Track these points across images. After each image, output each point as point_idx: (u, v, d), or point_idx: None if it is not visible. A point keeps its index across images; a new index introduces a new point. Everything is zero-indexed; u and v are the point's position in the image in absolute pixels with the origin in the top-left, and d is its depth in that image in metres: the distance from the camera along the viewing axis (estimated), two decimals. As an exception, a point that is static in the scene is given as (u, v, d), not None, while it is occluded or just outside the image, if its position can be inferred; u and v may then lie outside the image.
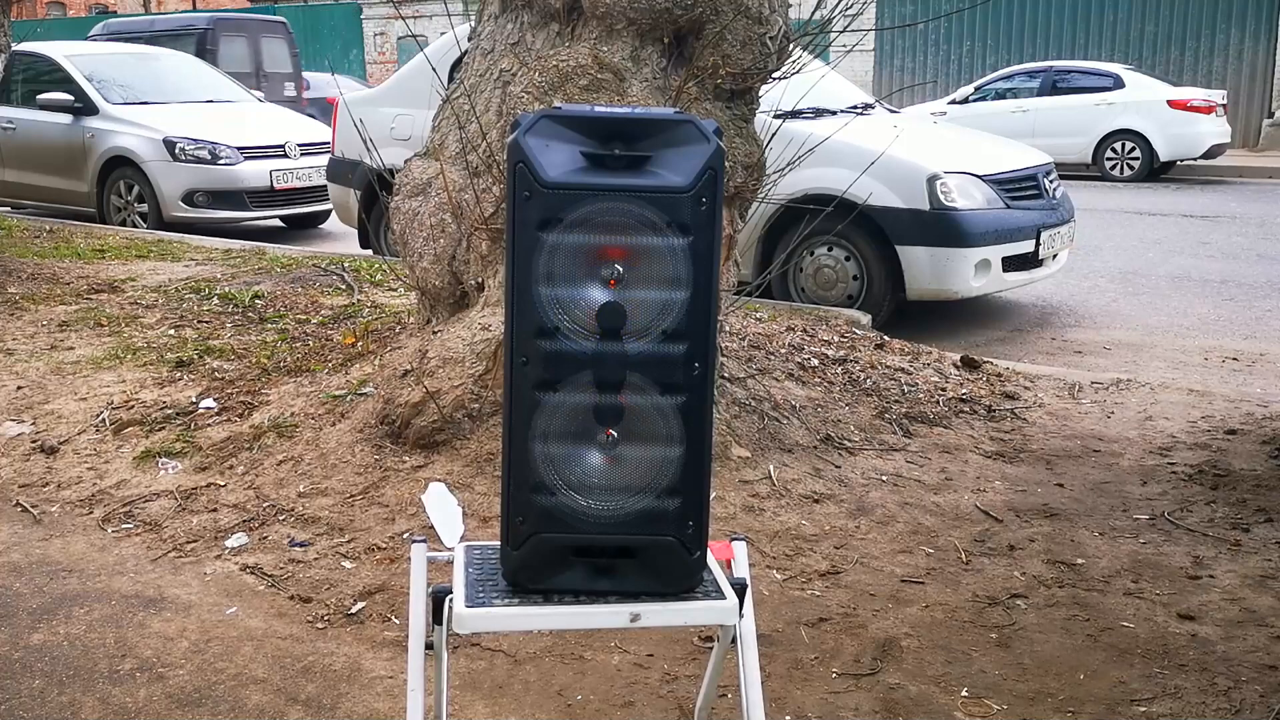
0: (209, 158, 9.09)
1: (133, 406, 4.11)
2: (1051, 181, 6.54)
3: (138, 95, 9.86)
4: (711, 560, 1.66)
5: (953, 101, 15.56)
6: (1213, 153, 14.16)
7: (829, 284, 6.09)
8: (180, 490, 3.43)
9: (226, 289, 6.08)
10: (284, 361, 4.52)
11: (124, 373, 4.54)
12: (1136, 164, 14.10)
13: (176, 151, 9.05)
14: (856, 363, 4.61)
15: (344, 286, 6.16)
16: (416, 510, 3.18)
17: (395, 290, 6.02)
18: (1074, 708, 2.37)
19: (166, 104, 9.85)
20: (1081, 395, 4.54)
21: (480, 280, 3.74)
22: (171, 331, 5.19)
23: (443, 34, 7.11)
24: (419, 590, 1.69)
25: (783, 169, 4.02)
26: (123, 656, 2.56)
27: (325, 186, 8.42)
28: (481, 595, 1.58)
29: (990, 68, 18.48)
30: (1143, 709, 2.36)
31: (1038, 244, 6.14)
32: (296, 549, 3.05)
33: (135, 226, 9.19)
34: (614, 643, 2.60)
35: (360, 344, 4.63)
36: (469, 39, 3.96)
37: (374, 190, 6.87)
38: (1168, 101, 14.03)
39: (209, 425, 3.87)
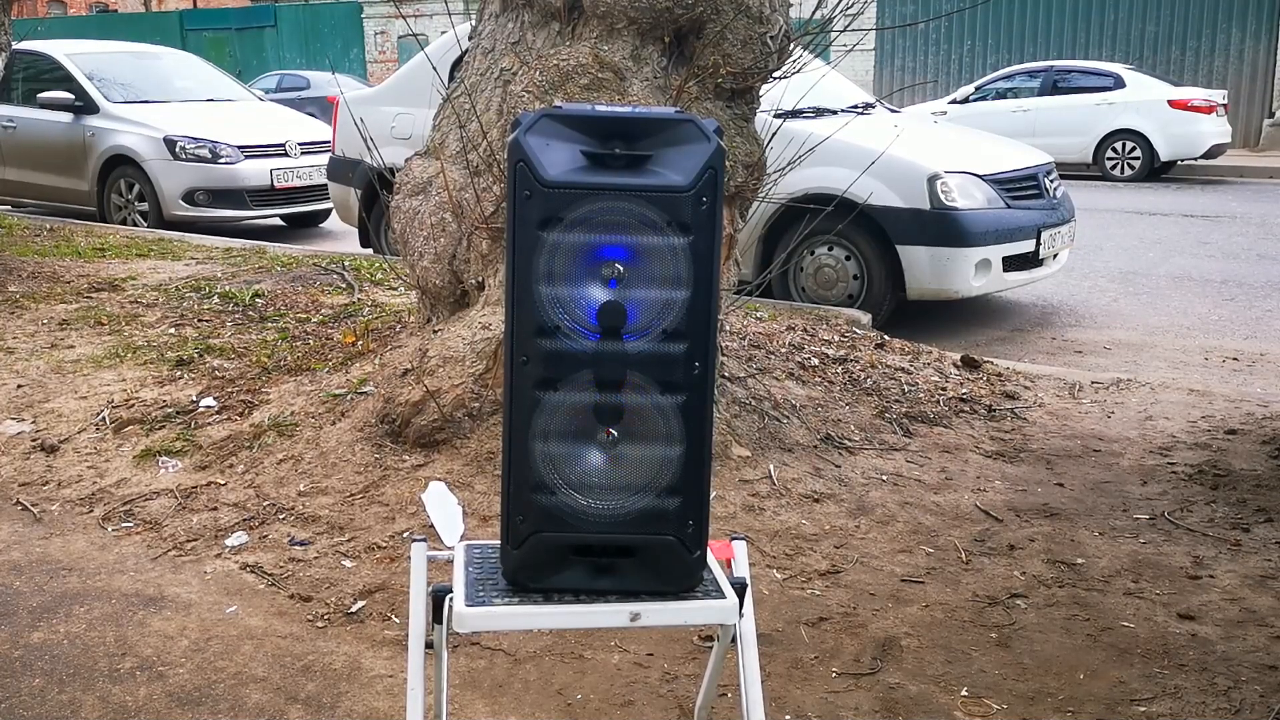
0: (209, 156, 9.09)
1: (133, 405, 4.11)
2: (1052, 181, 6.54)
3: (138, 94, 9.85)
4: (711, 559, 1.66)
5: (953, 101, 15.55)
6: (1213, 152, 14.15)
7: (829, 283, 6.09)
8: (180, 489, 3.43)
9: (227, 288, 6.08)
10: (284, 360, 4.52)
11: (124, 371, 4.54)
12: (1137, 164, 14.09)
13: (177, 150, 9.05)
14: (857, 362, 4.61)
15: (344, 285, 6.16)
16: (416, 509, 3.18)
17: (395, 289, 6.02)
18: (1074, 707, 2.37)
19: (167, 103, 9.84)
20: (1081, 395, 4.54)
21: (480, 279, 3.74)
22: (172, 330, 5.19)
23: (443, 33, 7.10)
24: (419, 589, 1.69)
25: (783, 168, 4.02)
26: (123, 655, 2.56)
27: (325, 185, 8.43)
28: (481, 594, 1.58)
29: (990, 68, 18.48)
30: (1143, 709, 2.36)
31: (1038, 244, 6.14)
32: (296, 548, 3.05)
33: (136, 225, 9.19)
34: (614, 642, 2.61)
35: (360, 343, 4.63)
36: (469, 38, 3.96)
37: (374, 189, 6.87)
38: (1168, 101, 14.03)
39: (209, 424, 3.87)
